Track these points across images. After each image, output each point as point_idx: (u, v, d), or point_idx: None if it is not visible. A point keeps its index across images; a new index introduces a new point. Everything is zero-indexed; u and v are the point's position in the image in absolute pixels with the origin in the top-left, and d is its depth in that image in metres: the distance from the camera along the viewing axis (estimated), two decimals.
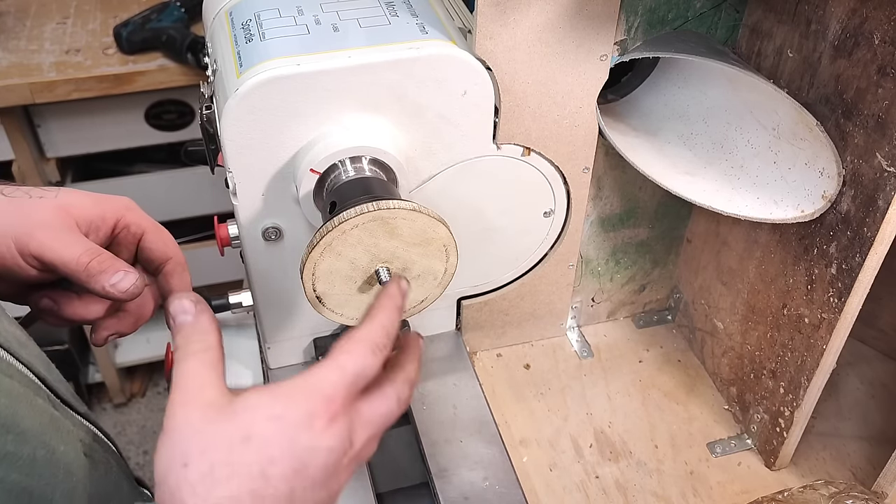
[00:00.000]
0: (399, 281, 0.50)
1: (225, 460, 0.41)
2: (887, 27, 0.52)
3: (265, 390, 0.44)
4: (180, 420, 0.42)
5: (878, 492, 0.63)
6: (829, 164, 0.59)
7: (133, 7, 1.42)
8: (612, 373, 0.81)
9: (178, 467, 0.40)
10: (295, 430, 0.42)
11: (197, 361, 0.45)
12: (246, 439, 0.41)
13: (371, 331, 0.46)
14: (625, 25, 0.63)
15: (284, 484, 0.41)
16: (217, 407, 0.43)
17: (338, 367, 0.45)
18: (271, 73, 0.55)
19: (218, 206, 1.50)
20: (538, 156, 0.67)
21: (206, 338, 0.46)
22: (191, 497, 0.40)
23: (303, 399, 0.43)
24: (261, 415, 0.42)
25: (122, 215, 0.57)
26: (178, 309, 0.47)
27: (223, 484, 0.40)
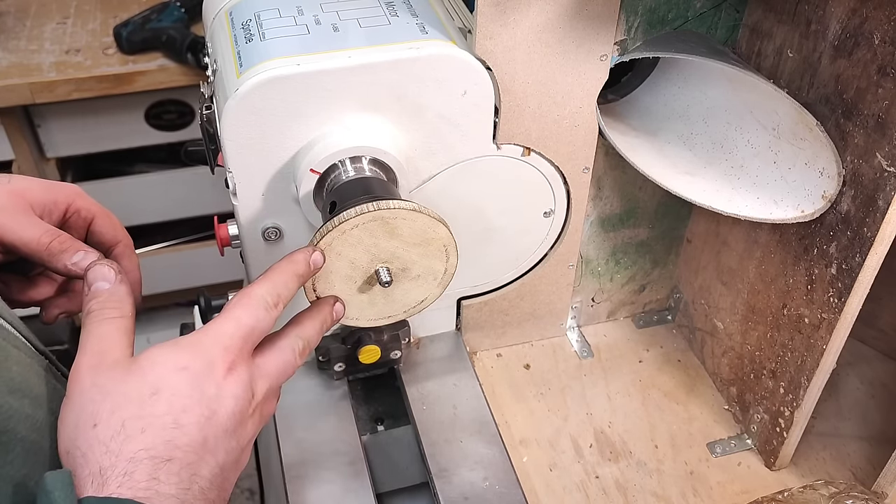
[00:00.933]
0: (312, 251, 0.52)
1: (136, 414, 0.41)
2: (887, 27, 0.52)
3: (167, 345, 0.45)
4: (87, 383, 0.43)
5: (878, 492, 0.63)
6: (829, 164, 0.59)
7: (133, 7, 1.42)
8: (612, 373, 0.81)
9: (87, 429, 0.41)
10: (201, 379, 0.44)
11: (111, 326, 0.46)
12: (155, 392, 0.42)
13: (265, 289, 0.49)
14: (625, 25, 0.63)
15: (198, 431, 0.43)
16: (123, 367, 0.44)
17: (233, 318, 0.47)
18: (271, 73, 0.55)
19: (218, 206, 1.50)
20: (538, 156, 0.67)
21: (122, 306, 0.47)
22: (104, 455, 0.40)
23: (204, 349, 0.45)
24: (168, 368, 0.44)
25: (73, 200, 0.58)
26: (98, 275, 0.48)
27: (137, 438, 0.41)
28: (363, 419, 0.73)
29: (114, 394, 0.42)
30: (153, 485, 0.40)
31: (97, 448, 0.41)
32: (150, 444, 0.41)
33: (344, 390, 0.73)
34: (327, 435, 0.69)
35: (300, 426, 0.69)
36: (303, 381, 0.73)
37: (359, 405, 0.74)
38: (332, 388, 0.73)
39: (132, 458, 0.40)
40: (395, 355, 0.73)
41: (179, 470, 0.41)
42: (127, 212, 1.51)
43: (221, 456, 0.44)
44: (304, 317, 0.54)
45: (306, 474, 0.66)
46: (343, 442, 0.68)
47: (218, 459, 0.44)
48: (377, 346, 0.70)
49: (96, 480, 0.40)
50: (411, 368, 0.75)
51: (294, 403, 0.71)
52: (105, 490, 0.39)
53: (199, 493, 0.42)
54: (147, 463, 0.40)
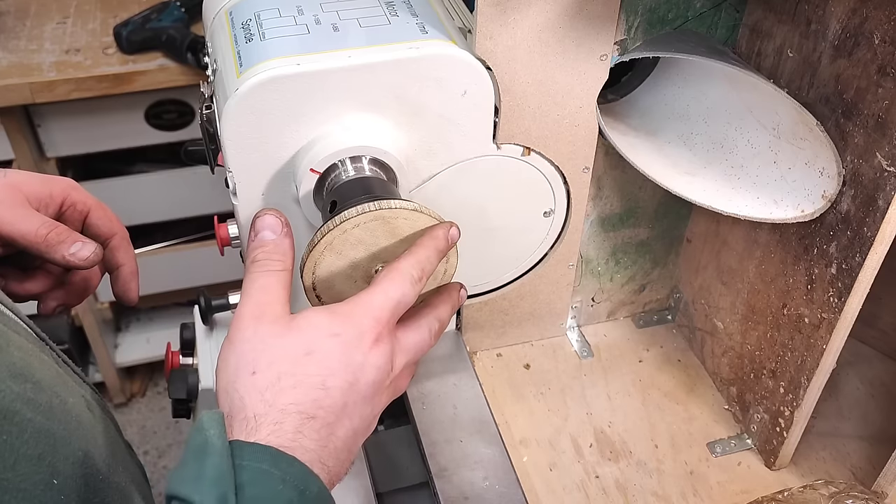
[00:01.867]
0: (449, 226, 0.54)
1: (290, 371, 0.45)
2: (887, 27, 0.52)
3: (324, 311, 0.48)
4: (250, 332, 0.47)
5: (878, 492, 0.64)
6: (829, 164, 0.59)
7: (133, 7, 1.42)
8: (612, 373, 0.81)
9: (246, 375, 0.45)
10: (350, 347, 0.47)
11: (274, 278, 0.49)
12: (309, 353, 0.46)
13: (410, 264, 0.51)
14: (625, 25, 0.63)
15: (340, 395, 0.46)
16: (283, 322, 0.47)
17: (382, 291, 0.49)
18: (271, 73, 0.55)
19: (218, 206, 1.50)
20: (538, 156, 0.67)
21: (285, 259, 0.50)
22: (259, 403, 0.43)
23: (356, 319, 0.48)
24: (322, 332, 0.47)
25: (69, 193, 0.59)
26: (266, 224, 0.51)
27: (288, 392, 0.44)
28: None
29: (273, 347, 0.46)
30: (297, 437, 0.43)
31: (254, 394, 0.44)
32: (299, 400, 0.44)
33: None
34: None
35: None
36: None
37: None
38: None
39: (283, 409, 0.43)
40: None
41: (320, 428, 0.44)
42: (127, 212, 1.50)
43: (357, 420, 0.47)
44: (438, 299, 0.56)
45: None
46: None
47: (353, 423, 0.47)
48: None
49: (250, 424, 0.43)
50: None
51: None
52: (257, 435, 0.42)
53: (332, 451, 0.45)
54: (295, 417, 0.43)
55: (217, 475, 0.40)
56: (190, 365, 0.79)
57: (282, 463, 0.42)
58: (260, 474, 0.41)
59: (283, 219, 0.52)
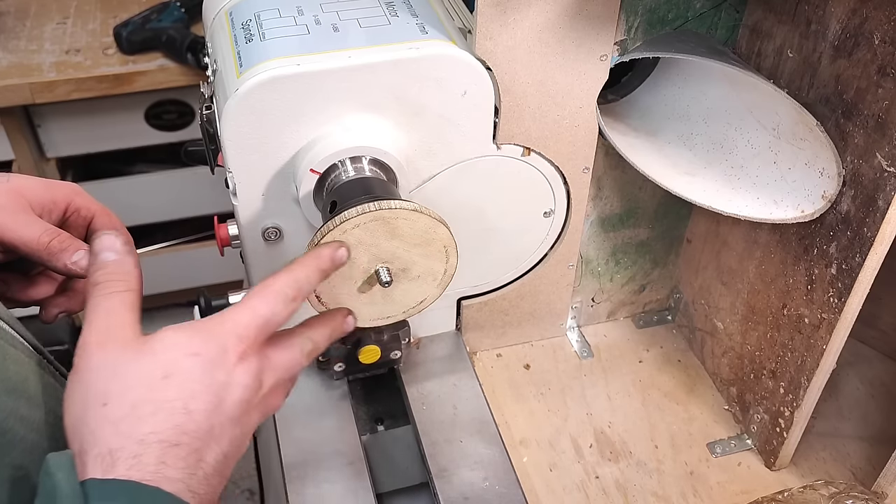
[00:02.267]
0: (337, 247, 0.52)
1: (147, 398, 0.41)
2: (887, 27, 0.52)
3: (181, 329, 0.45)
4: (96, 361, 0.43)
5: (878, 492, 0.64)
6: (829, 164, 0.59)
7: (133, 7, 1.42)
8: (612, 373, 0.81)
9: (96, 407, 0.41)
10: (212, 366, 0.43)
11: (117, 301, 0.45)
12: (166, 377, 0.42)
13: (285, 282, 0.48)
14: (625, 25, 0.63)
15: (205, 418, 0.42)
16: (134, 347, 0.43)
17: (250, 308, 0.47)
18: (271, 73, 0.55)
19: (218, 206, 1.50)
20: (538, 156, 0.67)
21: (128, 279, 0.47)
22: (114, 436, 0.40)
23: (219, 336, 0.45)
24: (180, 352, 0.43)
25: (72, 199, 0.58)
26: (105, 245, 0.48)
27: (147, 420, 0.41)
28: (363, 419, 0.73)
29: (125, 374, 0.42)
30: (161, 469, 0.40)
31: (106, 428, 0.40)
32: (159, 428, 0.41)
33: (344, 390, 0.73)
34: (327, 435, 0.69)
35: (300, 426, 0.69)
36: (303, 382, 0.73)
37: (359, 405, 0.74)
38: (332, 388, 0.73)
39: (142, 440, 0.40)
40: (395, 355, 0.73)
41: (186, 455, 0.41)
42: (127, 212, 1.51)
43: (226, 444, 0.44)
44: (316, 321, 0.54)
45: (306, 474, 0.66)
46: (343, 442, 0.68)
47: (222, 447, 0.44)
48: (377, 346, 0.70)
49: (105, 461, 0.40)
50: (411, 368, 0.75)
51: (294, 403, 0.71)
52: (114, 471, 0.39)
53: (202, 478, 0.42)
54: (156, 447, 0.40)
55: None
56: None
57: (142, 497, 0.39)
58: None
59: (122, 237, 0.49)
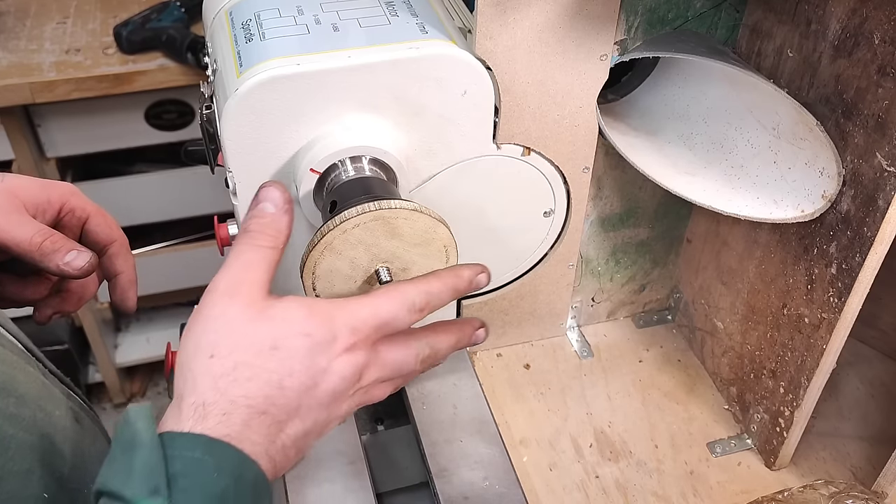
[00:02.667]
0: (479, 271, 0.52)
1: (249, 362, 0.43)
2: (887, 27, 0.52)
3: (303, 305, 0.46)
4: (218, 310, 0.44)
5: (878, 492, 0.64)
6: (829, 164, 0.59)
7: (133, 7, 1.42)
8: (612, 373, 0.81)
9: (204, 356, 0.43)
10: (317, 350, 0.45)
11: (259, 256, 0.46)
12: (273, 348, 0.44)
13: (418, 290, 0.49)
14: (625, 25, 0.63)
15: (295, 396, 0.44)
16: (257, 308, 0.45)
17: (373, 306, 0.47)
18: (271, 73, 0.55)
19: (218, 206, 1.51)
20: (538, 155, 0.67)
21: (278, 237, 0.47)
22: (210, 390, 0.42)
23: (333, 323, 0.45)
24: (294, 328, 0.44)
25: (67, 199, 0.58)
26: (268, 196, 0.48)
27: (242, 384, 0.42)
28: (363, 419, 0.73)
29: (237, 334, 0.44)
30: (244, 430, 0.42)
31: (207, 379, 0.42)
32: (251, 394, 0.42)
33: None
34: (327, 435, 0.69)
35: None
36: None
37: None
38: None
39: (233, 401, 0.42)
40: None
41: (269, 424, 0.43)
42: (127, 212, 1.51)
43: (309, 423, 0.45)
44: (444, 328, 0.53)
45: (306, 474, 0.66)
46: (343, 442, 0.68)
47: (305, 424, 0.45)
48: None
49: (198, 412, 0.41)
50: None
51: None
52: (204, 423, 0.41)
53: (280, 448, 0.44)
54: (244, 410, 0.42)
55: (147, 468, 0.39)
56: None
57: (215, 451, 0.41)
58: (192, 463, 0.40)
59: (286, 194, 0.49)
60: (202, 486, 0.39)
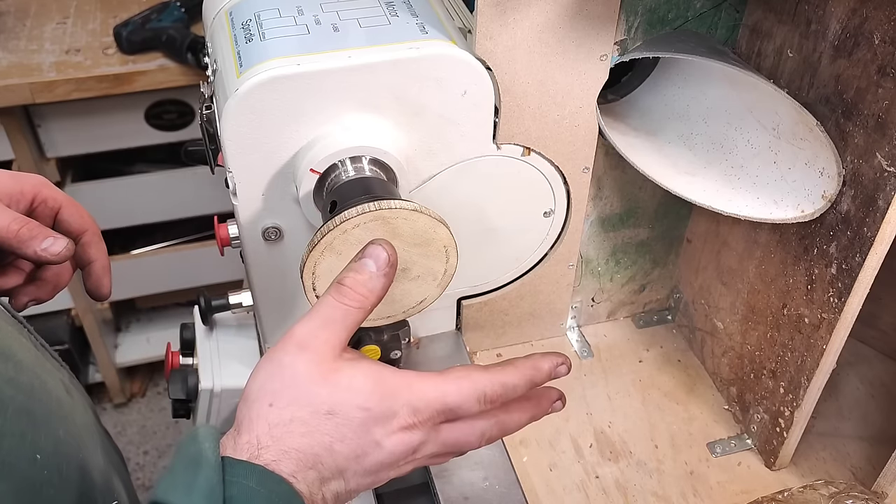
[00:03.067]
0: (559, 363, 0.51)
1: (305, 420, 0.45)
2: (887, 27, 0.52)
3: (369, 377, 0.46)
4: (288, 359, 0.46)
5: (878, 492, 0.64)
6: (829, 164, 0.59)
7: (133, 7, 1.42)
8: (612, 373, 0.81)
9: (264, 403, 0.45)
10: (373, 424, 0.46)
11: (341, 314, 0.47)
12: (331, 413, 0.45)
13: (492, 384, 0.48)
14: (625, 25, 0.63)
15: (343, 461, 0.45)
16: (324, 369, 0.46)
17: (441, 392, 0.47)
18: (271, 73, 0.55)
19: (218, 206, 1.50)
20: (538, 156, 0.67)
21: (368, 298, 0.48)
22: (265, 435, 0.44)
23: (396, 401, 0.46)
24: (354, 399, 0.45)
25: (39, 190, 0.59)
26: (374, 253, 0.49)
27: (296, 438, 0.44)
28: None
29: (299, 389, 0.45)
30: (291, 479, 0.43)
31: (263, 424, 0.44)
32: (303, 448, 0.44)
33: None
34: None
35: None
36: None
37: None
38: None
39: (285, 450, 0.44)
40: (395, 355, 0.73)
41: (314, 480, 0.45)
42: (127, 212, 1.52)
43: (352, 485, 0.47)
44: (518, 407, 0.52)
45: None
46: None
47: (348, 486, 0.47)
48: (377, 345, 0.70)
49: (252, 449, 0.43)
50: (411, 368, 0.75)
51: None
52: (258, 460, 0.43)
53: (320, 500, 0.45)
54: (294, 461, 0.44)
55: (208, 488, 0.40)
56: (190, 365, 0.79)
57: (269, 482, 0.42)
58: (247, 491, 0.41)
59: (392, 256, 0.50)
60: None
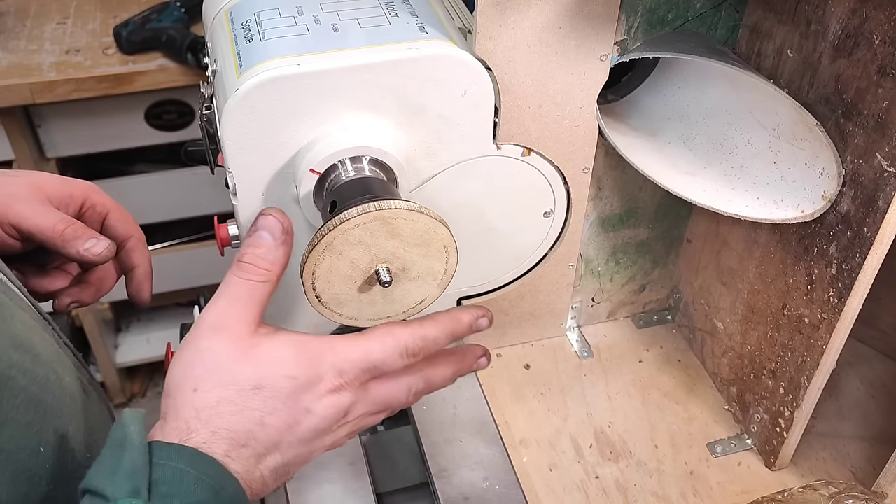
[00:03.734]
0: (480, 315, 0.52)
1: (233, 400, 0.44)
2: (887, 27, 0.52)
3: (292, 346, 0.47)
4: (204, 343, 0.46)
5: (878, 492, 0.64)
6: (829, 164, 0.59)
7: (133, 7, 1.42)
8: (612, 373, 0.81)
9: (187, 389, 0.44)
10: (301, 391, 0.46)
11: (247, 290, 0.47)
12: (257, 388, 0.45)
13: (412, 337, 0.49)
14: (625, 25, 0.63)
15: (276, 434, 0.45)
16: (243, 346, 0.46)
17: (364, 350, 0.48)
18: (271, 73, 0.55)
19: (218, 206, 1.50)
20: (538, 156, 0.67)
21: (271, 269, 0.48)
22: (194, 419, 0.43)
23: (321, 365, 0.46)
24: (280, 371, 0.45)
25: (89, 195, 0.62)
26: (267, 224, 0.49)
27: (225, 418, 0.44)
28: None
29: (221, 370, 0.45)
30: (225, 459, 0.43)
31: (189, 410, 0.44)
32: (233, 427, 0.44)
33: None
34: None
35: None
36: None
37: None
38: None
39: (215, 431, 0.43)
40: None
41: (249, 457, 0.44)
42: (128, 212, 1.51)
43: (289, 456, 0.47)
44: (442, 360, 0.53)
45: (306, 474, 0.66)
46: None
47: (285, 458, 0.46)
48: None
49: (182, 434, 0.43)
50: None
51: None
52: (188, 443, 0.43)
53: (258, 477, 0.45)
54: (226, 441, 0.44)
55: (132, 470, 0.40)
56: None
57: (199, 463, 0.42)
58: (175, 472, 0.41)
59: (286, 224, 0.49)
60: (182, 494, 0.40)
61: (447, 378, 0.53)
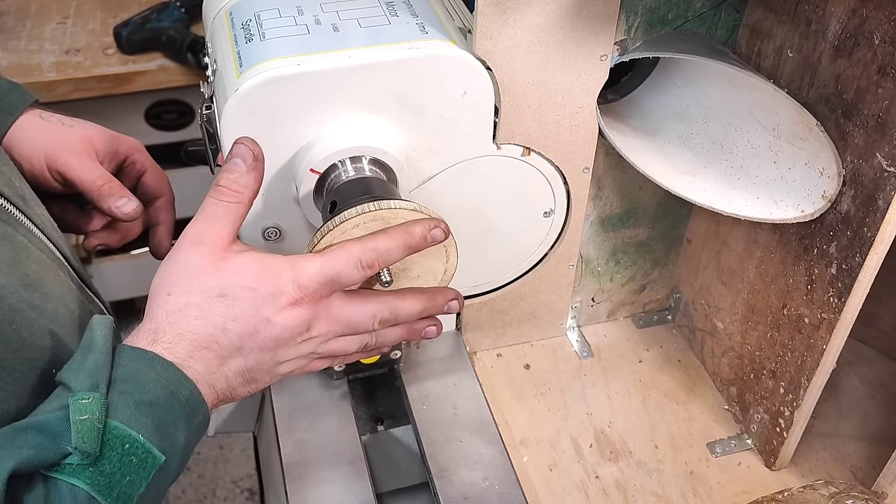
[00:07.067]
0: (433, 226, 0.53)
1: (198, 304, 0.49)
2: (887, 27, 0.52)
3: (256, 261, 0.51)
4: (183, 255, 0.51)
5: (878, 492, 0.64)
6: (829, 164, 0.59)
7: (133, 7, 1.42)
8: (612, 373, 0.81)
9: (163, 293, 0.50)
10: (262, 302, 0.50)
11: (222, 210, 0.52)
12: (221, 296, 0.50)
13: (364, 248, 0.52)
14: (625, 25, 0.63)
15: (237, 338, 0.50)
16: (215, 258, 0.51)
17: (319, 263, 0.51)
18: (271, 73, 0.55)
19: None
20: (538, 156, 0.67)
21: (243, 192, 0.52)
22: (164, 322, 0.49)
23: (280, 279, 0.50)
24: (242, 282, 0.50)
25: (132, 153, 0.70)
26: (239, 152, 0.53)
27: (190, 321, 0.49)
28: (363, 419, 0.73)
29: (193, 279, 0.50)
30: (188, 360, 0.48)
31: (161, 313, 0.49)
32: (196, 331, 0.49)
33: (344, 390, 0.73)
34: (327, 435, 0.69)
35: (300, 426, 0.69)
36: (302, 381, 0.73)
37: (359, 405, 0.74)
38: (332, 387, 0.73)
39: (180, 333, 0.48)
40: (395, 355, 0.73)
41: (210, 358, 0.49)
42: None
43: (252, 361, 0.51)
44: (411, 294, 0.56)
45: (306, 474, 0.66)
46: (343, 442, 0.68)
47: (248, 362, 0.51)
48: None
49: (150, 336, 0.48)
50: (411, 368, 0.75)
51: (294, 403, 0.71)
52: (154, 346, 0.48)
53: (222, 378, 0.50)
54: (189, 343, 0.48)
55: (94, 368, 0.45)
56: None
57: (157, 366, 0.47)
58: (133, 372, 0.46)
59: (256, 151, 0.52)
60: (137, 392, 0.45)
61: (413, 312, 0.56)
